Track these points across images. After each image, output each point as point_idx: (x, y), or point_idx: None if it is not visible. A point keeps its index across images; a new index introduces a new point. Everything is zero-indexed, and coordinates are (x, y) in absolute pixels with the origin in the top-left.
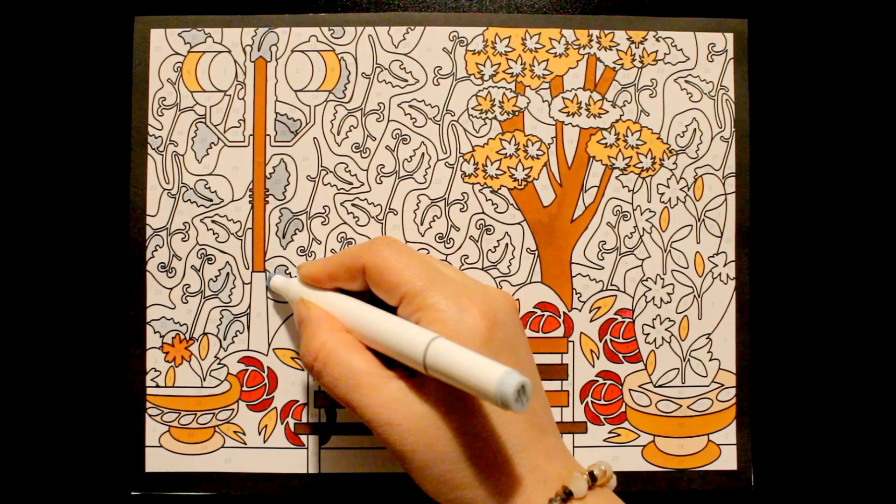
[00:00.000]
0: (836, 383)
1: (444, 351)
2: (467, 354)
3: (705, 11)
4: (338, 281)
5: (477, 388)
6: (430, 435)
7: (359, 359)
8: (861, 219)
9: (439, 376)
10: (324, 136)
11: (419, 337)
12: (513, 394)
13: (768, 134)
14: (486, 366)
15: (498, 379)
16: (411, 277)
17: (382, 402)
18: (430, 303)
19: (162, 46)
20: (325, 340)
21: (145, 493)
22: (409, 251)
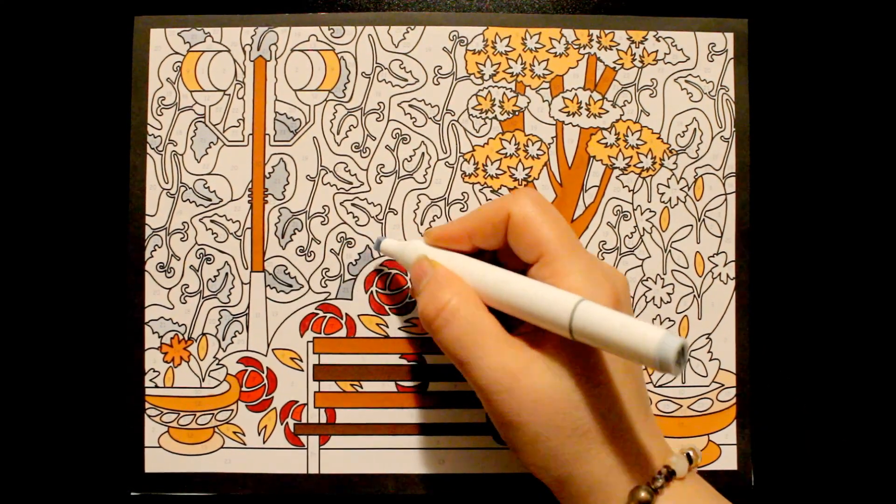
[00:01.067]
0: (836, 383)
1: (596, 313)
2: (620, 316)
3: (705, 11)
4: (475, 238)
5: (634, 350)
6: (551, 407)
7: (484, 319)
8: (861, 219)
9: (587, 339)
10: (323, 135)
11: (565, 299)
12: (674, 356)
13: (768, 134)
14: (643, 328)
15: (658, 341)
16: (555, 238)
17: (504, 367)
18: (568, 270)
19: (161, 46)
20: (451, 298)
21: (145, 494)
22: (551, 208)
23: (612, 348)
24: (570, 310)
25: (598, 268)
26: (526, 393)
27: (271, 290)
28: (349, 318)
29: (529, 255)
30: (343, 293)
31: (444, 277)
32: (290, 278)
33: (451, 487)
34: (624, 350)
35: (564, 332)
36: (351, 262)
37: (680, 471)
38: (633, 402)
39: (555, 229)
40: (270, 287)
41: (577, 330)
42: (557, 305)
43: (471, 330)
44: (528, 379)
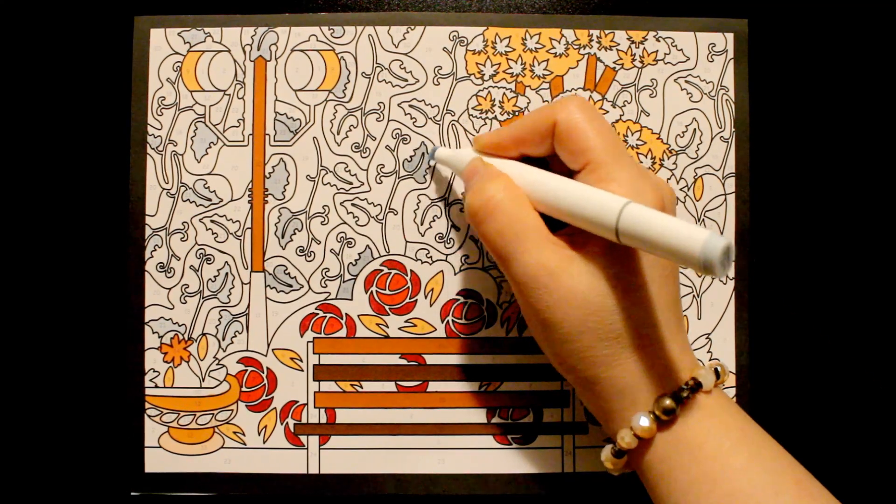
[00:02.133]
0: (837, 383)
1: (642, 214)
2: (666, 218)
3: (705, 11)
4: (523, 145)
5: (680, 250)
6: (585, 308)
7: (529, 215)
8: (861, 219)
9: (633, 241)
10: (323, 135)
11: (612, 201)
12: (720, 257)
13: (768, 134)
14: (689, 228)
15: (703, 241)
16: (602, 144)
17: (543, 264)
18: (615, 177)
19: (161, 46)
20: (496, 192)
21: (145, 494)
22: (598, 115)
23: (657, 249)
24: (618, 211)
25: (644, 175)
26: (562, 291)
27: (271, 290)
28: (349, 318)
29: (576, 162)
30: (343, 293)
31: (492, 173)
32: (290, 278)
33: (451, 487)
34: (669, 250)
35: (610, 233)
36: (351, 262)
37: (706, 384)
38: (667, 313)
39: (601, 136)
40: (270, 287)
41: (623, 231)
42: (605, 207)
43: (514, 224)
44: (566, 277)
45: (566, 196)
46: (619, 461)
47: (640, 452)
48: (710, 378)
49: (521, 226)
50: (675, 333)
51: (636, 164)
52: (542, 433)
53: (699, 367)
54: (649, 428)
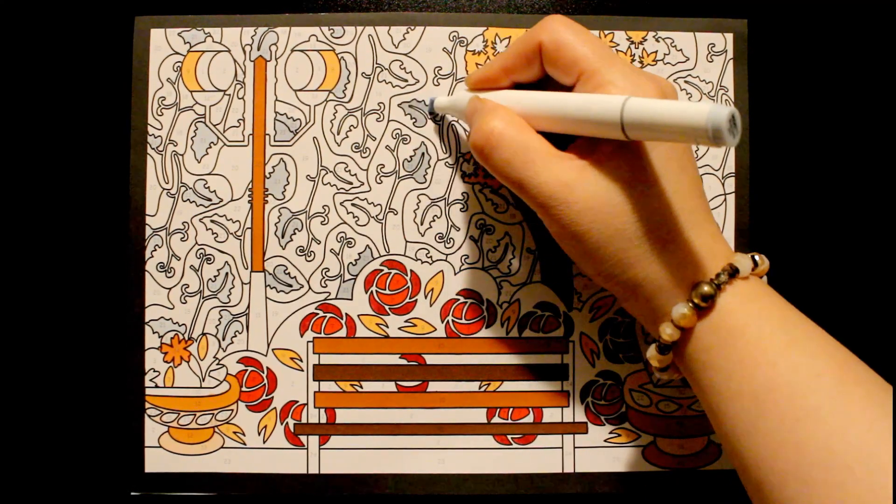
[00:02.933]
0: None
1: (644, 104)
2: (667, 102)
3: (705, 12)
4: (513, 72)
5: (687, 126)
6: (608, 212)
7: (533, 138)
8: (861, 218)
9: (640, 132)
10: (323, 135)
11: (613, 100)
12: (726, 123)
13: (768, 134)
14: (690, 105)
15: (708, 111)
16: (590, 54)
17: (560, 180)
18: (610, 79)
19: (162, 46)
20: (497, 124)
21: (145, 494)
22: (582, 28)
23: (665, 133)
24: (620, 107)
25: (639, 72)
26: (582, 201)
27: (271, 290)
28: (349, 318)
29: (568, 76)
30: (343, 293)
31: (489, 107)
32: (290, 278)
33: (451, 487)
34: (676, 130)
35: (617, 131)
36: (351, 262)
37: (744, 269)
38: (691, 203)
39: (588, 45)
40: (270, 287)
41: (628, 124)
42: (607, 106)
43: (520, 150)
44: (582, 187)
45: (567, 107)
46: (664, 357)
47: (683, 346)
48: (748, 263)
49: (527, 149)
50: (704, 222)
51: (629, 64)
52: (542, 433)
53: (734, 253)
54: (689, 316)
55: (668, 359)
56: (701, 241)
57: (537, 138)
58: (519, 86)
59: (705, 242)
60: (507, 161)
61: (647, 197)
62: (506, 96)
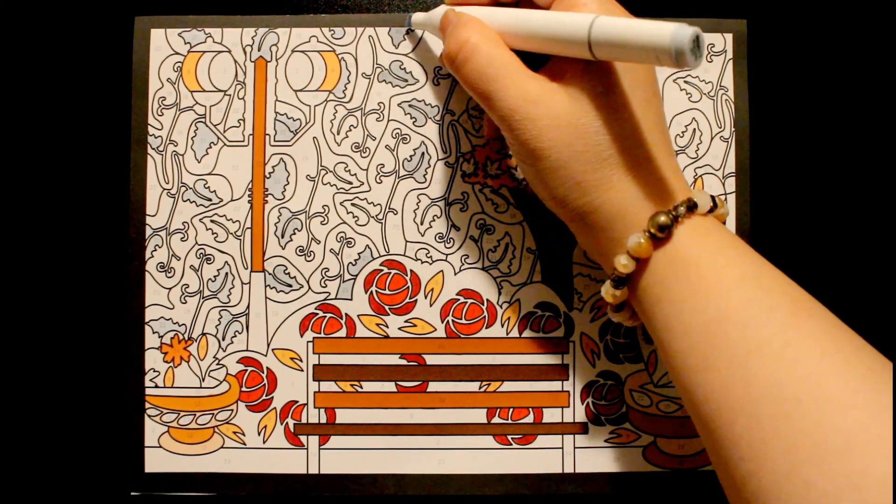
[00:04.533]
0: None
1: (611, 22)
2: (634, 20)
3: (705, 12)
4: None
5: (651, 45)
6: (570, 132)
7: (504, 53)
8: (861, 218)
9: (607, 51)
10: (323, 135)
11: (582, 17)
12: (688, 44)
13: (768, 134)
14: (656, 24)
15: (672, 30)
16: None
17: (524, 95)
18: (584, 1)
19: (162, 46)
20: (470, 35)
21: (145, 494)
22: None
23: (630, 52)
24: (588, 25)
25: (613, 1)
26: (546, 118)
27: (271, 290)
28: (349, 318)
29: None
30: (343, 293)
31: (464, 19)
32: (289, 278)
33: (451, 487)
34: (641, 49)
35: (584, 50)
36: (351, 262)
37: (702, 205)
38: (655, 134)
39: None
40: (270, 287)
41: (595, 41)
42: (575, 24)
43: (491, 63)
44: (548, 104)
45: (538, 24)
46: (619, 292)
47: (637, 279)
48: (706, 200)
49: (499, 62)
50: (666, 156)
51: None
52: (542, 433)
53: (694, 190)
54: (644, 245)
55: (624, 294)
56: (661, 173)
57: (509, 54)
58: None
59: (665, 175)
60: (478, 71)
61: (611, 121)
62: (481, 11)
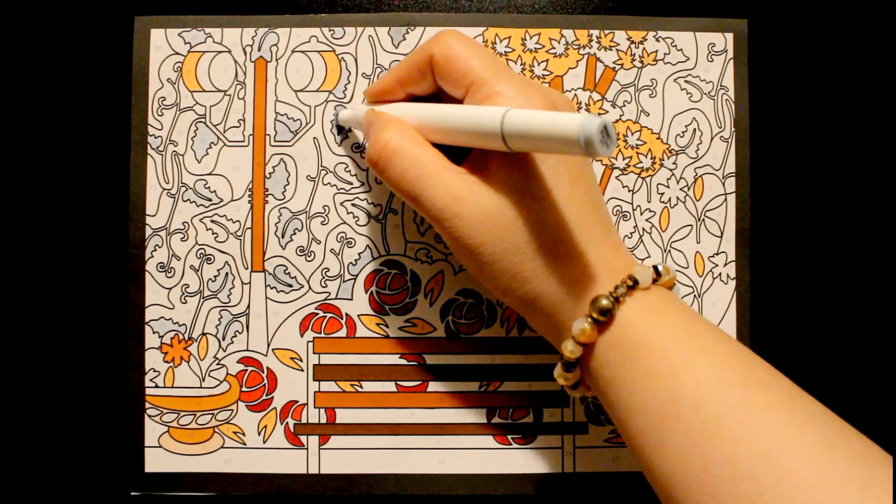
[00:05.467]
0: (837, 383)
1: (522, 115)
2: (544, 112)
3: (705, 11)
4: (407, 85)
5: (560, 137)
6: (501, 226)
7: (426, 152)
8: (861, 218)
9: (519, 143)
10: (324, 136)
11: (494, 111)
12: (597, 134)
13: (768, 134)
14: (565, 116)
15: (579, 122)
16: (478, 66)
17: (451, 194)
18: (498, 90)
19: (162, 46)
20: (391, 137)
21: (145, 494)
22: (474, 42)
23: (542, 143)
24: (500, 117)
25: (530, 84)
26: (474, 214)
27: (271, 290)
28: (349, 318)
29: (458, 89)
30: (343, 293)
31: (384, 120)
32: (290, 278)
33: (451, 487)
34: (552, 140)
35: (499, 142)
36: (351, 262)
37: (643, 281)
38: (587, 215)
39: (478, 57)
40: (270, 287)
41: (508, 134)
42: (488, 117)
43: (414, 164)
44: (474, 200)
45: (452, 117)
46: (569, 375)
47: (587, 362)
48: (648, 274)
49: (421, 163)
50: (601, 234)
51: (521, 76)
52: (542, 433)
53: (636, 265)
54: (588, 331)
55: (576, 376)
56: (598, 253)
57: (431, 151)
58: (415, 98)
59: (602, 255)
60: (401, 174)
61: (538, 210)
62: (398, 108)
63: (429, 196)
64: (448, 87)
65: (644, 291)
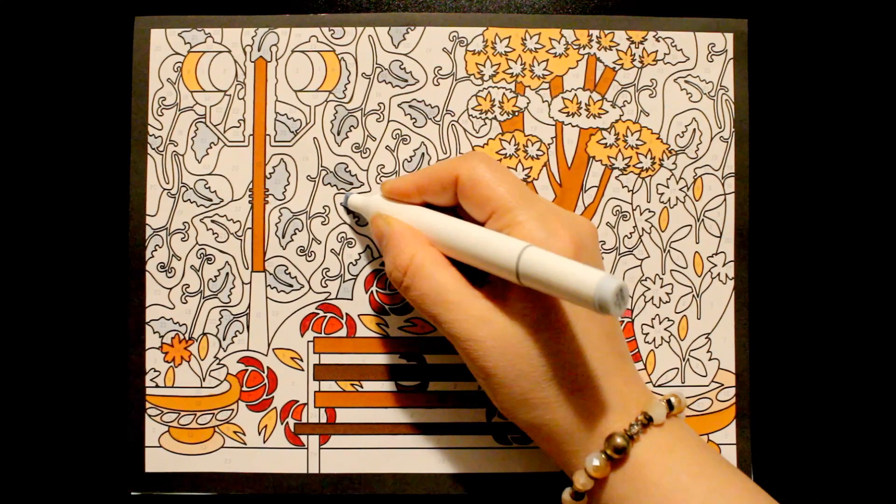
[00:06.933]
0: (837, 383)
1: (539, 258)
2: (562, 261)
3: (705, 11)
4: (426, 194)
5: (575, 292)
6: (515, 353)
7: (446, 274)
8: (861, 218)
9: (533, 284)
10: (324, 136)
11: (512, 245)
12: (612, 297)
13: (768, 134)
14: (583, 270)
15: (597, 282)
16: (504, 193)
17: (468, 319)
18: (521, 220)
19: (162, 46)
20: (414, 254)
21: (145, 494)
22: (502, 167)
23: (555, 291)
24: (517, 255)
25: (555, 215)
26: (491, 339)
27: (272, 290)
28: (349, 317)
29: (481, 213)
30: (343, 293)
31: (402, 235)
32: (290, 278)
33: (451, 487)
34: (566, 291)
35: (512, 276)
36: (351, 262)
37: (658, 417)
38: (603, 349)
39: (504, 185)
40: (271, 287)
41: (523, 274)
42: (505, 251)
43: (435, 286)
44: (492, 327)
45: (471, 241)
46: (579, 503)
47: (598, 492)
48: (662, 410)
49: (442, 287)
50: (616, 367)
51: (547, 205)
52: None
53: (651, 398)
54: (602, 468)
55: (584, 503)
56: (612, 386)
57: (451, 274)
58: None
59: (617, 387)
60: (424, 296)
61: (554, 343)
62: (418, 215)
63: (448, 319)
64: (470, 208)
65: (657, 427)
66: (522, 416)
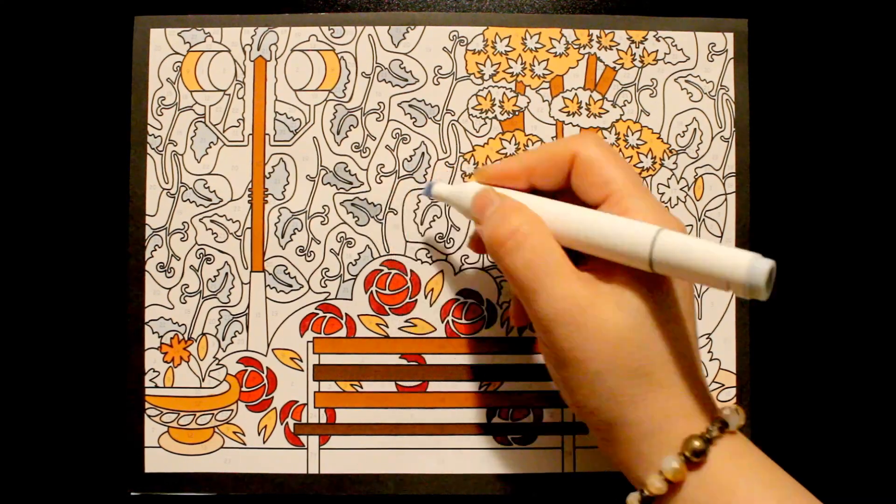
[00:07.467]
0: (837, 383)
1: (679, 241)
2: (704, 242)
3: (705, 11)
4: (535, 176)
5: (721, 274)
6: (615, 345)
7: (555, 249)
8: (861, 218)
9: (668, 269)
10: (323, 135)
11: (644, 228)
12: (765, 279)
13: (768, 134)
14: (731, 252)
15: (749, 263)
16: (624, 176)
17: (572, 300)
18: (639, 207)
19: (162, 46)
20: (522, 223)
21: (145, 494)
22: (619, 153)
23: (696, 275)
24: (651, 239)
25: (665, 209)
26: (592, 327)
27: (271, 290)
28: (349, 318)
29: (596, 195)
30: (343, 293)
31: (514, 204)
32: (290, 278)
33: (451, 487)
34: (710, 276)
35: (643, 263)
36: (351, 262)
37: (732, 424)
38: (692, 350)
39: (622, 169)
40: (270, 287)
41: (657, 260)
42: (637, 235)
43: (542, 256)
44: (596, 312)
45: (594, 227)
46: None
47: (669, 497)
48: (736, 418)
49: (550, 258)
50: (698, 371)
51: (656, 199)
52: (542, 433)
53: (716, 404)
54: (680, 470)
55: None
56: (698, 390)
57: (560, 250)
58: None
59: (699, 392)
60: (526, 264)
61: (659, 335)
62: (530, 200)
63: (548, 296)
64: (584, 188)
65: (730, 435)
66: (604, 413)
